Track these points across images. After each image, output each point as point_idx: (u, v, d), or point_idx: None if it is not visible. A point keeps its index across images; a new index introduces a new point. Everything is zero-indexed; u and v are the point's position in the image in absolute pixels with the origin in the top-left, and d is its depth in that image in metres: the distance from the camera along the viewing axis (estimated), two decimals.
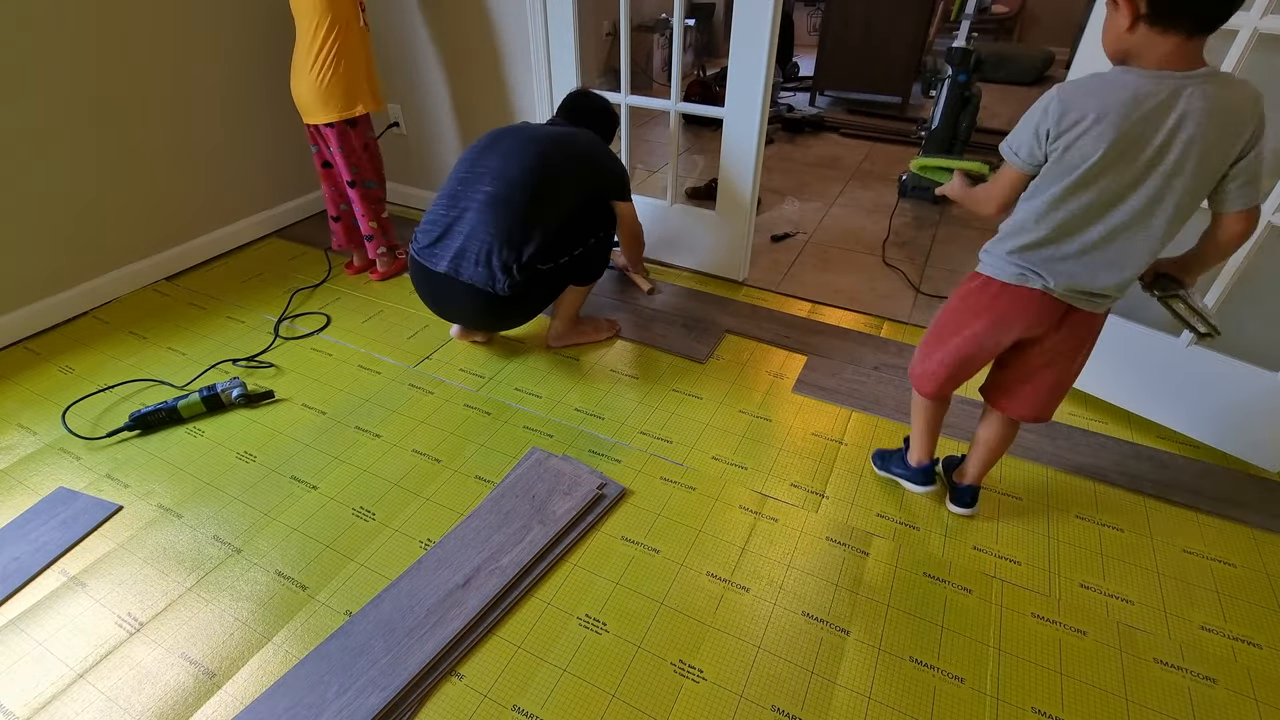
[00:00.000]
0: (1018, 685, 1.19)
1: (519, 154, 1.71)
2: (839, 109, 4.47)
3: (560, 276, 1.82)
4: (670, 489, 1.58)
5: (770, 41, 1.93)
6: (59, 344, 2.07)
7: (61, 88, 2.00)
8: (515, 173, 1.68)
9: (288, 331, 2.14)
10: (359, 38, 2.07)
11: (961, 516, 1.52)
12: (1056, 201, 1.08)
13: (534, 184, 1.68)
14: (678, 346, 2.04)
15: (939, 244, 2.73)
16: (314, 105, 2.07)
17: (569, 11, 2.18)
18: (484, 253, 1.66)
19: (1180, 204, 1.02)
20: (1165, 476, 1.60)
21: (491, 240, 1.66)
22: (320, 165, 2.26)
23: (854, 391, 1.87)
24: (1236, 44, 1.37)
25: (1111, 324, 1.74)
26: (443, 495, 1.56)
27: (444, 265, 1.70)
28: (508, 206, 1.66)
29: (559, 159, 1.74)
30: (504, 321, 1.90)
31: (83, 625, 1.29)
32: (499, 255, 1.65)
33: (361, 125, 2.16)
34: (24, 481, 1.59)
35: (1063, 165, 1.04)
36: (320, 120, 2.09)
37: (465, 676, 1.20)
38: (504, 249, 1.65)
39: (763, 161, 2.22)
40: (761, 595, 1.34)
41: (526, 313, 1.86)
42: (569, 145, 1.79)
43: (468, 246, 1.67)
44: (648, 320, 2.17)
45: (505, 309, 1.77)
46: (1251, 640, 1.27)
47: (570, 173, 1.76)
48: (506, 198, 1.66)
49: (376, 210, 2.30)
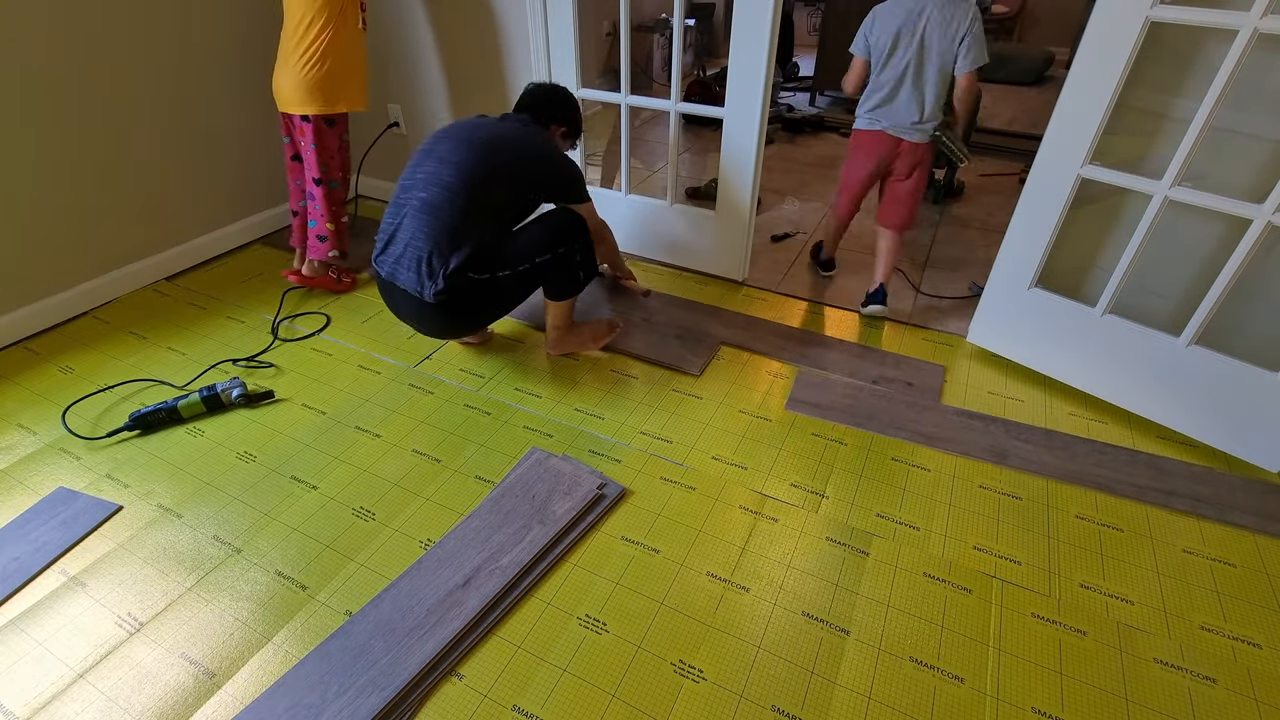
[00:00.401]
0: (1018, 685, 1.19)
1: (455, 157, 1.65)
2: (839, 109, 4.47)
3: (507, 288, 1.73)
4: (670, 489, 1.58)
5: (770, 41, 1.93)
6: (59, 344, 2.07)
7: (62, 88, 2.00)
8: (449, 176, 1.63)
9: (288, 332, 2.14)
10: (353, 37, 2.05)
11: (876, 315, 2.18)
12: (876, 76, 1.98)
13: (467, 187, 1.62)
14: (671, 360, 1.98)
15: (939, 244, 2.73)
16: (293, 95, 2.03)
17: (569, 11, 2.18)
18: (415, 259, 1.63)
19: (939, 67, 1.88)
20: (1166, 484, 1.59)
21: (422, 246, 1.62)
22: (290, 158, 2.23)
23: (849, 407, 1.81)
24: (1236, 44, 1.37)
25: (1112, 324, 1.75)
26: (443, 495, 1.56)
27: (386, 270, 1.69)
28: (438, 212, 1.62)
29: (496, 162, 1.67)
30: (447, 328, 1.81)
31: (83, 625, 1.29)
32: (427, 262, 1.61)
33: (339, 124, 2.14)
34: (24, 481, 1.59)
35: (875, 53, 1.95)
36: (296, 111, 2.05)
37: (465, 676, 1.20)
38: (433, 255, 1.61)
39: (763, 161, 2.22)
40: (761, 595, 1.34)
41: (472, 320, 1.80)
42: (511, 146, 1.71)
43: (405, 253, 1.65)
44: (642, 331, 2.12)
45: (442, 316, 1.70)
46: (1251, 640, 1.27)
47: (508, 175, 1.69)
48: (438, 203, 1.62)
49: (337, 213, 2.22)
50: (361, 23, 2.07)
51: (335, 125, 2.13)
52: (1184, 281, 1.69)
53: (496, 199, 1.68)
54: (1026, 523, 1.50)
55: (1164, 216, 1.59)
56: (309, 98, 2.02)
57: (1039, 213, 1.77)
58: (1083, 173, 1.66)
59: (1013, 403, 1.85)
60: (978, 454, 1.65)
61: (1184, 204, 1.55)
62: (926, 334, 2.14)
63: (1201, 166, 1.54)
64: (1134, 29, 1.48)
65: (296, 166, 2.23)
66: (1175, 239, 1.66)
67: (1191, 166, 1.53)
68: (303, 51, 1.98)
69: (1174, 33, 1.50)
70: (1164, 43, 1.52)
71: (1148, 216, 1.60)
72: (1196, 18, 1.42)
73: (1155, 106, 1.61)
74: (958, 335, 2.12)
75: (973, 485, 1.59)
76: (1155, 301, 1.74)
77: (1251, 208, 1.46)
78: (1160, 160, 1.57)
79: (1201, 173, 1.54)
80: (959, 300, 2.32)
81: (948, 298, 2.34)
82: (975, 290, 2.36)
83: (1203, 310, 1.59)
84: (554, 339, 1.99)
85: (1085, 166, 1.65)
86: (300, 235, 2.34)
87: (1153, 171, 1.57)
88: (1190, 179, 1.55)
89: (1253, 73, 1.41)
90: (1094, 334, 1.79)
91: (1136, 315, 1.73)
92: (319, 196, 2.18)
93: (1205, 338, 1.63)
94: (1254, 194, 1.47)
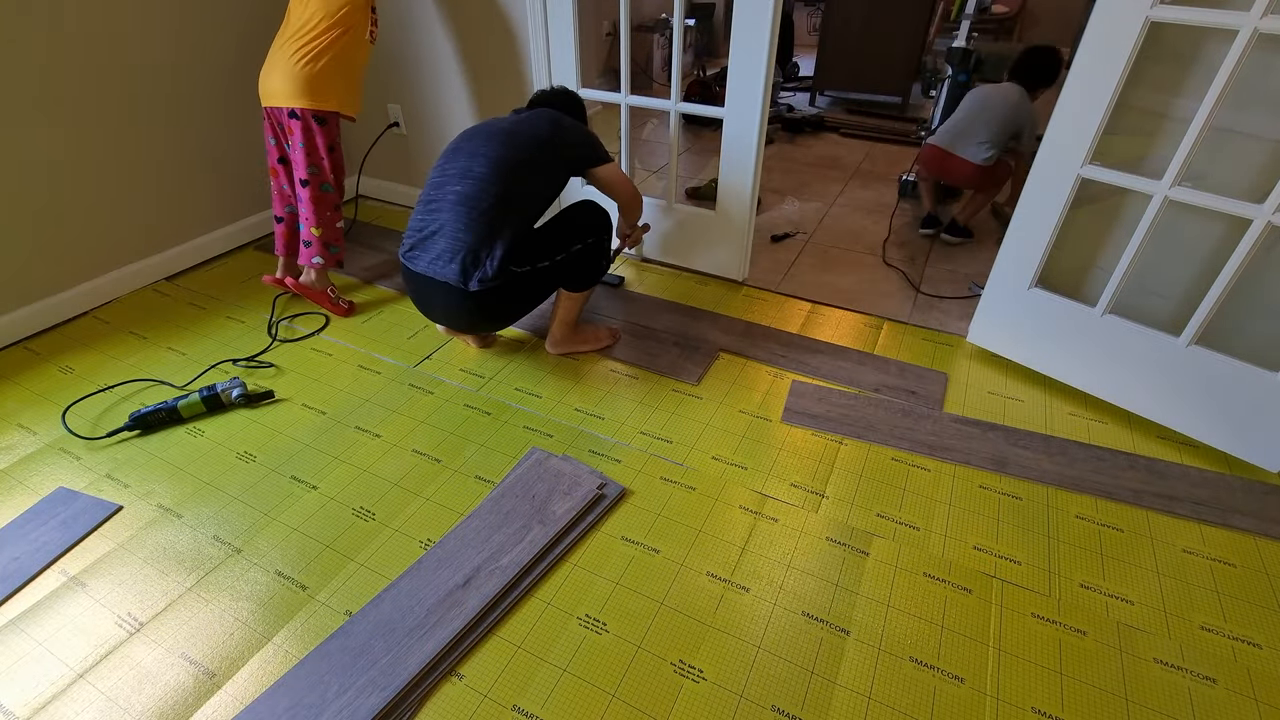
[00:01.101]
0: (1018, 685, 1.19)
1: (484, 149, 1.71)
2: (839, 109, 4.47)
3: (542, 281, 1.78)
4: (670, 489, 1.58)
5: (770, 41, 1.93)
6: (59, 344, 2.07)
7: (62, 88, 2.01)
8: (480, 168, 1.69)
9: (287, 332, 2.14)
10: (357, 47, 2.03)
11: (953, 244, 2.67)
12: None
13: (500, 176, 1.68)
14: (667, 369, 1.96)
15: (939, 244, 2.73)
16: (282, 88, 1.96)
17: (569, 11, 2.18)
18: (457, 251, 1.66)
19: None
20: (1166, 489, 1.58)
21: (463, 237, 1.66)
22: (275, 161, 2.13)
23: (846, 417, 1.79)
24: (1236, 44, 1.37)
25: (1112, 324, 1.75)
26: (443, 495, 1.56)
27: (423, 265, 1.71)
28: (476, 203, 1.67)
29: (521, 143, 1.73)
30: (483, 322, 1.86)
31: (83, 625, 1.29)
32: (471, 252, 1.66)
33: (330, 125, 2.05)
34: (24, 481, 1.59)
35: None
36: (284, 104, 1.97)
37: (465, 676, 1.20)
38: (477, 245, 1.66)
39: (763, 161, 2.21)
40: (761, 595, 1.34)
41: (507, 314, 1.83)
42: (529, 128, 1.76)
43: (444, 246, 1.68)
44: (639, 337, 2.10)
45: (481, 308, 1.74)
46: (1251, 640, 1.27)
47: (534, 154, 1.74)
48: (475, 195, 1.67)
49: (331, 218, 2.14)
50: (370, 35, 2.06)
51: (326, 125, 2.03)
52: (1184, 281, 1.69)
53: (528, 185, 1.72)
54: (1026, 523, 1.50)
55: (1164, 216, 1.59)
56: (299, 90, 1.95)
57: (1039, 213, 1.77)
58: (1083, 173, 1.66)
59: (1013, 403, 1.85)
60: (978, 463, 1.65)
61: (1184, 204, 1.55)
62: (926, 334, 2.14)
63: (1201, 166, 1.54)
64: (1134, 29, 1.48)
65: (281, 170, 2.14)
66: (1175, 239, 1.66)
67: (1191, 166, 1.52)
68: (300, 46, 1.94)
69: (1174, 33, 1.50)
70: (1164, 43, 1.52)
71: (1148, 216, 1.60)
72: (1196, 18, 1.42)
73: (1155, 106, 1.61)
74: (958, 335, 2.12)
75: (973, 485, 1.59)
76: (1155, 301, 1.74)
77: (1251, 208, 1.46)
78: (1160, 160, 1.57)
79: (1201, 173, 1.54)
80: (959, 300, 2.32)
81: (948, 298, 2.34)
82: (975, 290, 2.36)
83: (1203, 310, 1.59)
84: (559, 336, 1.99)
85: (1085, 166, 1.65)
86: (284, 243, 2.25)
87: (1153, 171, 1.57)
88: (1190, 179, 1.55)
89: (1253, 73, 1.41)
90: (1094, 334, 1.78)
91: (1136, 315, 1.73)
92: (306, 199, 2.08)
93: (1205, 338, 1.63)
94: (1254, 194, 1.47)
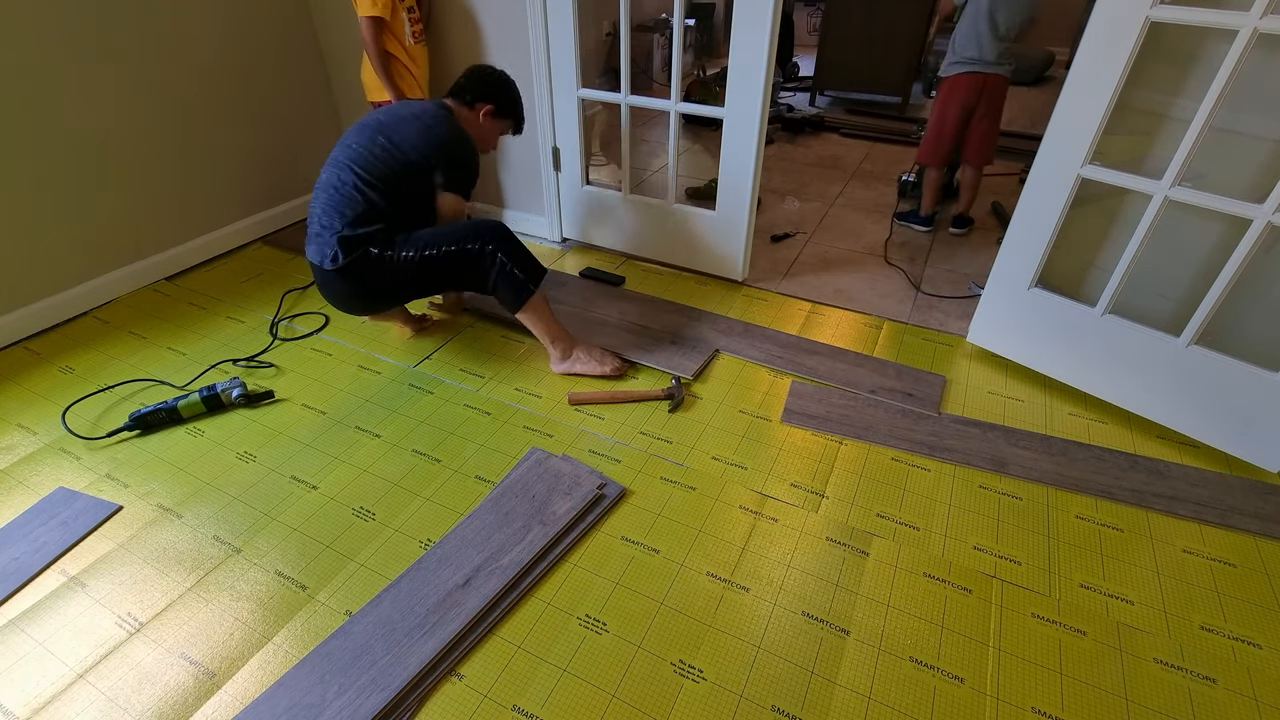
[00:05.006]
0: (1018, 685, 1.19)
1: (349, 140, 1.77)
2: (839, 109, 4.47)
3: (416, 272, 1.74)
4: (670, 489, 1.58)
5: (770, 42, 1.93)
6: (59, 344, 2.07)
7: (62, 89, 2.00)
8: (340, 156, 1.75)
9: (287, 332, 2.14)
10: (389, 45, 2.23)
11: (959, 235, 2.75)
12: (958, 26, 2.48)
13: (352, 164, 1.71)
14: (667, 368, 1.94)
15: (939, 244, 2.73)
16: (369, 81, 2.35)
17: (569, 11, 2.18)
18: (318, 233, 1.74)
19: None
20: (1166, 489, 1.58)
21: (320, 218, 1.73)
22: None
23: (845, 418, 1.79)
24: (1236, 44, 1.37)
25: (1112, 324, 1.75)
26: (443, 495, 1.56)
27: (308, 254, 1.78)
28: (328, 188, 1.73)
29: (381, 140, 1.73)
30: (353, 302, 1.85)
31: (83, 625, 1.29)
32: (329, 231, 1.71)
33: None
34: (24, 481, 1.59)
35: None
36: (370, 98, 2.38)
37: (465, 676, 1.20)
38: (327, 228, 1.71)
39: (763, 161, 2.21)
40: (761, 595, 1.34)
41: (381, 296, 1.82)
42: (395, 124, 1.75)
43: (313, 231, 1.76)
44: (636, 335, 2.10)
45: (342, 286, 1.76)
46: (1251, 640, 1.27)
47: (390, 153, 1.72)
48: (331, 181, 1.74)
49: None
50: (411, 38, 2.28)
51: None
52: (1184, 281, 1.69)
53: (387, 176, 1.73)
54: (1026, 523, 1.50)
55: (1164, 216, 1.59)
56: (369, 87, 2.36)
57: (1039, 212, 1.77)
58: (1083, 173, 1.66)
59: (1013, 403, 1.85)
60: (978, 463, 1.65)
61: (1184, 204, 1.55)
62: (926, 334, 2.14)
63: (1201, 166, 1.54)
64: (1134, 29, 1.48)
65: None
66: (1175, 239, 1.66)
67: (1191, 166, 1.52)
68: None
69: (1174, 33, 1.50)
70: (1164, 43, 1.52)
71: (1148, 216, 1.60)
72: (1196, 18, 1.42)
73: (1155, 106, 1.61)
74: (958, 335, 2.12)
75: (973, 485, 1.59)
76: (1155, 301, 1.74)
77: (1251, 208, 1.46)
78: (1160, 160, 1.56)
79: (1201, 173, 1.54)
80: (959, 300, 2.32)
81: (948, 297, 2.34)
82: (975, 290, 2.36)
83: (1203, 310, 1.59)
84: (555, 355, 1.94)
85: (1085, 166, 1.65)
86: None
87: (1153, 171, 1.57)
88: (1190, 179, 1.55)
89: (1253, 73, 1.41)
90: (1094, 334, 1.78)
91: (1136, 315, 1.73)
92: None
93: (1205, 338, 1.63)
94: (1254, 194, 1.47)
